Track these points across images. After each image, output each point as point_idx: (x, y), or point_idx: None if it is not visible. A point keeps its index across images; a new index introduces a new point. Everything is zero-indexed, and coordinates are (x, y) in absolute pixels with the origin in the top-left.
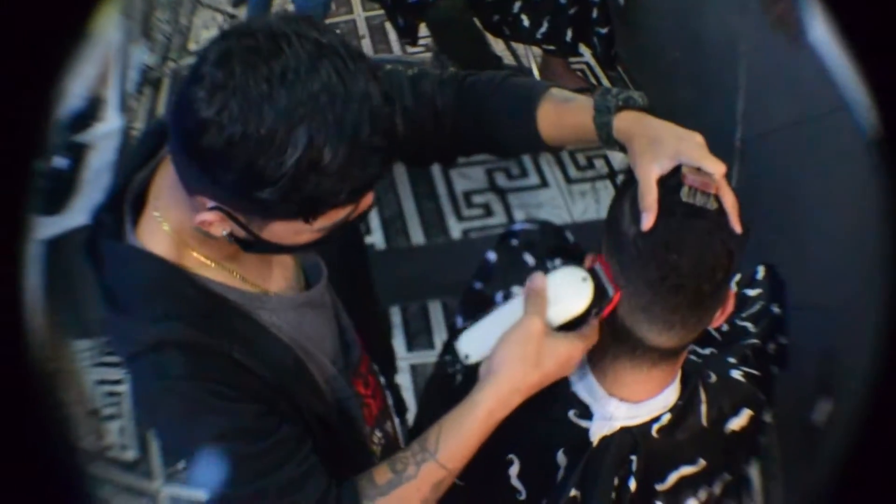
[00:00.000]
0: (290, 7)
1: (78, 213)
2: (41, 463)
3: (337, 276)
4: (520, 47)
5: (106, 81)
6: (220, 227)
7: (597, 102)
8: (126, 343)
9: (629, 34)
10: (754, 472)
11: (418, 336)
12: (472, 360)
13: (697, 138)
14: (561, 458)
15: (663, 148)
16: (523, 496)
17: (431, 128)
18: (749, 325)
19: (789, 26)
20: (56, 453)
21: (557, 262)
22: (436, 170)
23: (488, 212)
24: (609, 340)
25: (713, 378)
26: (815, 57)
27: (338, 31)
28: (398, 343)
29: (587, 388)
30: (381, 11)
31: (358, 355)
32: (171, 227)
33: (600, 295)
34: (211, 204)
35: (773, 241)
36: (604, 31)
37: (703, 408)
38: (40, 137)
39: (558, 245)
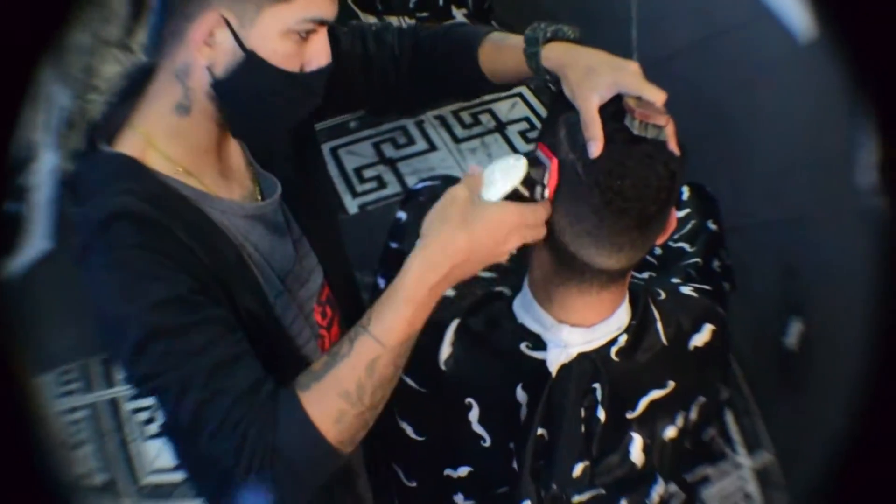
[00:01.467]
0: None
1: (29, 249)
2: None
3: (295, 199)
4: (393, 20)
5: (36, 125)
6: (207, 52)
7: (527, 35)
8: (83, 228)
9: None
10: (727, 413)
11: None
12: None
13: (633, 66)
14: (521, 394)
15: (601, 78)
16: (488, 442)
17: (393, 74)
18: (685, 245)
19: None
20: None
21: None
22: (325, 152)
23: (381, 183)
24: (555, 267)
25: (663, 295)
26: None
27: None
28: None
29: (535, 318)
30: None
31: (319, 283)
32: (143, 128)
33: (538, 169)
34: (209, 14)
35: (700, 165)
36: None
37: (660, 326)
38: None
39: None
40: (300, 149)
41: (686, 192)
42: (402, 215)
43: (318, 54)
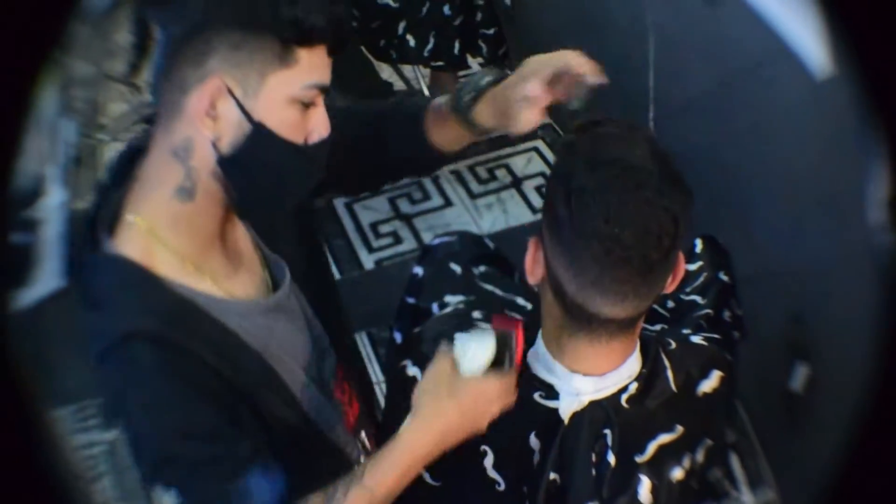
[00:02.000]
0: None
1: (41, 284)
2: None
3: (301, 277)
4: (408, 69)
5: (44, 158)
6: (210, 125)
7: (459, 88)
8: (98, 338)
9: (518, 35)
10: (732, 455)
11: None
12: None
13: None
14: (534, 441)
15: (530, 66)
16: (502, 486)
17: (343, 157)
18: (697, 297)
19: None
20: None
21: (482, 268)
22: (339, 206)
23: (397, 239)
24: (564, 319)
25: (673, 345)
26: (735, 10)
27: None
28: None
29: (547, 368)
30: None
31: (334, 361)
32: (145, 220)
33: (505, 343)
34: (208, 83)
35: (715, 215)
36: (490, 32)
37: (670, 373)
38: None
39: (480, 252)
40: (297, 221)
41: (699, 245)
42: (418, 271)
43: (319, 125)
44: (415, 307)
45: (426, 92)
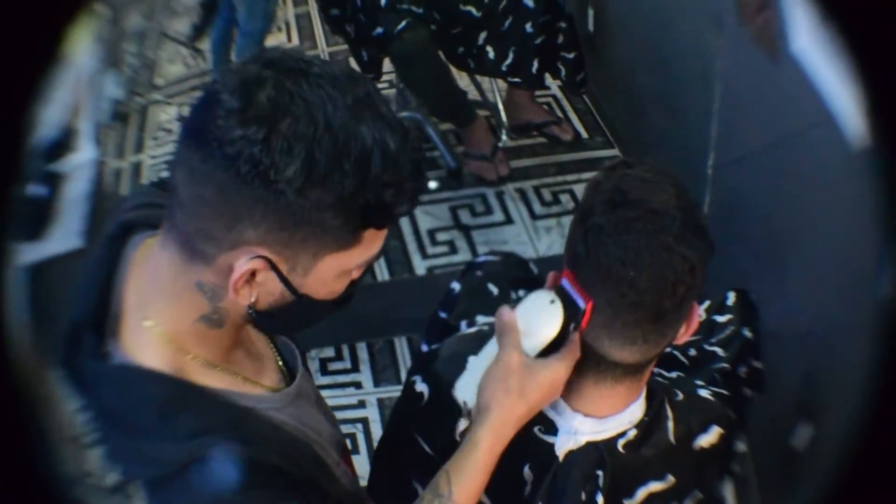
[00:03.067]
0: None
1: (55, 241)
2: (27, 489)
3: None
4: (484, 80)
5: (78, 111)
6: (249, 291)
7: None
8: (149, 465)
9: (597, 64)
10: (729, 497)
11: (385, 371)
12: (471, 405)
13: None
14: (527, 473)
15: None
16: None
17: None
18: (719, 349)
19: (770, 39)
20: (41, 479)
21: (521, 292)
22: None
23: (453, 249)
24: None
25: (680, 396)
26: (795, 70)
27: None
28: (365, 378)
29: (551, 404)
30: (346, 46)
31: (339, 436)
32: (167, 329)
33: (572, 311)
34: (249, 255)
35: (750, 268)
36: (570, 55)
37: (671, 424)
38: (16, 164)
39: (522, 276)
40: None
41: (732, 298)
42: (455, 286)
43: (366, 265)
44: (445, 322)
45: (501, 107)
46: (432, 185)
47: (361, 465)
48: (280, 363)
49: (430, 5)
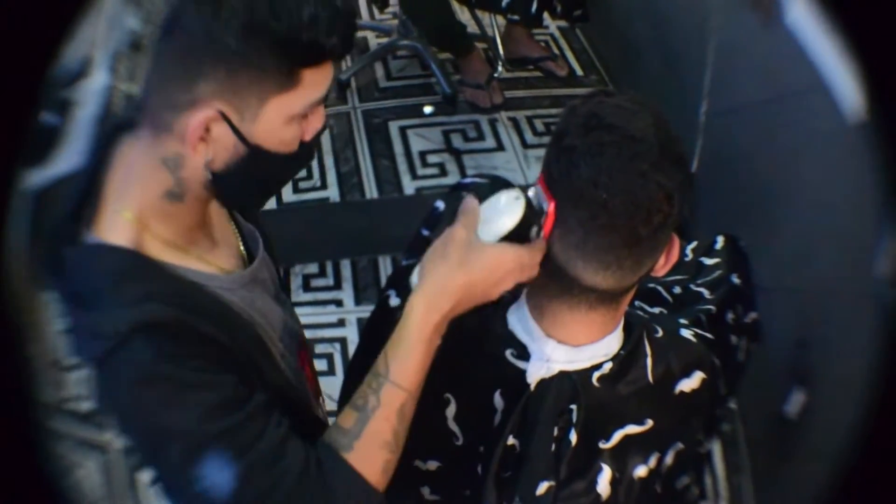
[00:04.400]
0: None
1: (60, 164)
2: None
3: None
4: (484, 16)
5: (97, 42)
6: (205, 148)
7: None
8: (96, 340)
9: (596, 8)
10: (718, 461)
11: (367, 290)
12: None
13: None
14: (498, 400)
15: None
16: (460, 441)
17: None
18: (705, 291)
19: (766, 7)
20: (19, 409)
21: None
22: (394, 129)
23: (443, 171)
24: (546, 279)
25: (660, 333)
26: (790, 38)
27: None
28: (346, 296)
29: (524, 328)
30: None
31: (297, 335)
32: (132, 210)
33: (536, 211)
34: (204, 110)
35: (739, 219)
36: None
37: (649, 361)
38: (36, 95)
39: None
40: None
41: (720, 242)
42: (440, 205)
43: (316, 122)
44: (426, 240)
45: (498, 41)
46: (427, 109)
47: (335, 387)
48: (242, 249)
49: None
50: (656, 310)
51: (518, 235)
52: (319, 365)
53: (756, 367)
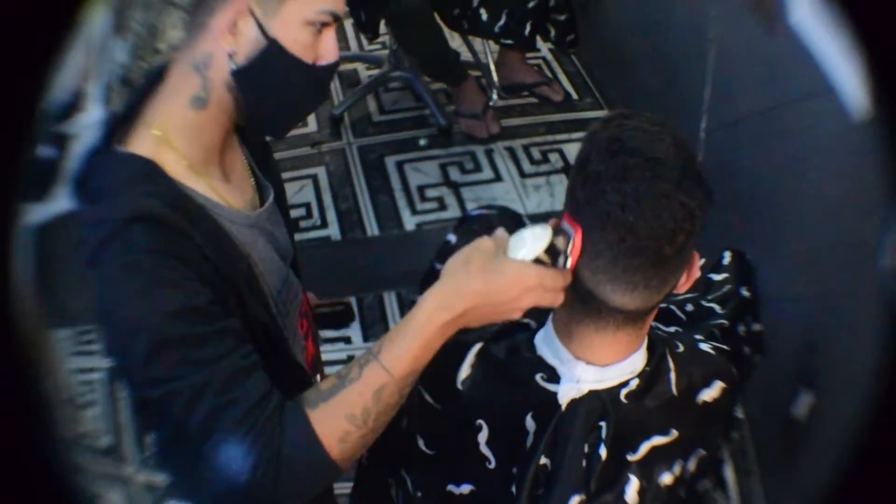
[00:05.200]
0: None
1: (62, 200)
2: (28, 453)
3: (280, 209)
4: (477, 42)
5: (88, 75)
6: (231, 40)
7: None
8: (97, 228)
9: (589, 27)
10: (728, 469)
11: (374, 326)
12: None
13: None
14: (530, 422)
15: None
16: (493, 464)
17: None
18: (716, 306)
19: (767, 9)
20: (41, 443)
21: None
22: (391, 164)
23: (442, 205)
24: (573, 303)
25: (681, 348)
26: (793, 40)
27: None
28: (354, 333)
29: (553, 351)
30: None
31: (299, 294)
32: (158, 126)
33: (563, 243)
34: (234, 4)
35: (744, 232)
36: (561, 18)
37: (672, 376)
38: (30, 127)
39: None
40: (270, 158)
41: (728, 257)
42: (451, 238)
43: (329, 50)
44: (440, 273)
45: (492, 67)
46: (421, 142)
47: None
48: (254, 196)
49: None
50: (672, 328)
51: (545, 262)
52: None
53: (764, 374)
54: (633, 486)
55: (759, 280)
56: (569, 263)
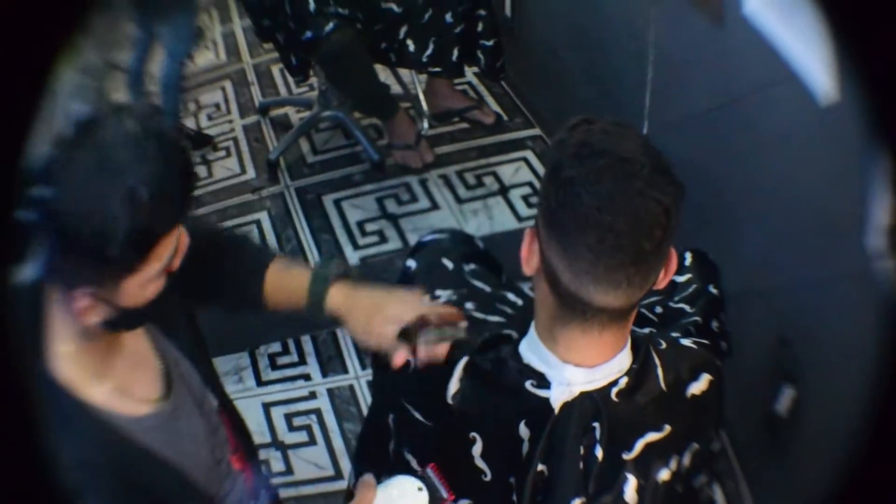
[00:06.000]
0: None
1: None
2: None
3: (185, 338)
4: (405, 73)
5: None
6: (92, 313)
7: (315, 273)
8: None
9: (516, 47)
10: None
11: (331, 361)
12: None
13: (412, 296)
14: (523, 430)
15: (388, 312)
16: (489, 477)
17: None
18: (685, 306)
19: (711, 3)
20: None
21: (472, 266)
22: (328, 202)
23: (383, 238)
24: (558, 308)
25: (663, 345)
26: (747, 32)
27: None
28: (313, 370)
29: (540, 357)
30: (268, 57)
31: (225, 434)
32: (66, 346)
33: (436, 502)
34: (79, 297)
35: (702, 232)
36: (489, 43)
37: (660, 372)
38: (13, 190)
39: (470, 251)
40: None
41: (689, 258)
42: (411, 264)
43: (179, 257)
44: None
45: (421, 97)
46: (357, 177)
47: (319, 455)
48: (162, 367)
49: (354, 5)
50: (646, 330)
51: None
52: (299, 437)
53: (739, 374)
54: (631, 484)
55: (723, 278)
56: None
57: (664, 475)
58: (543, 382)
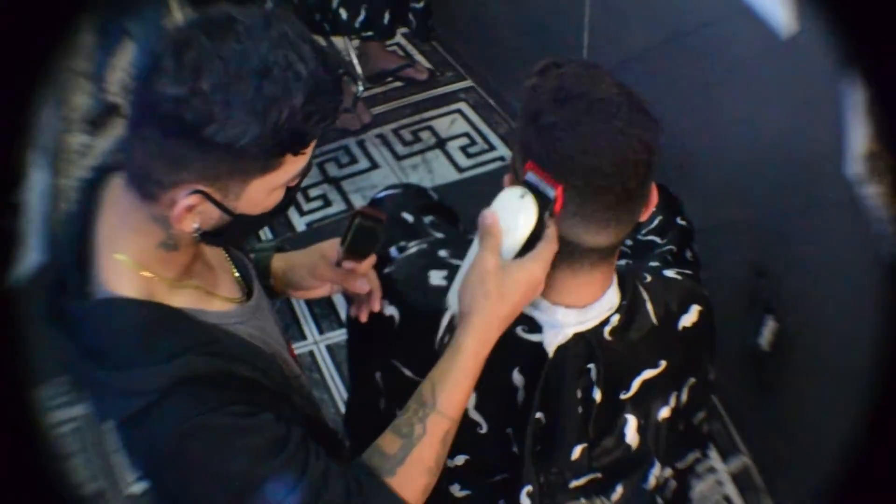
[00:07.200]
0: None
1: (28, 263)
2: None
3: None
4: (338, 40)
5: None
6: (192, 219)
7: (255, 249)
8: (127, 398)
9: (444, 4)
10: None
11: (325, 318)
12: (455, 311)
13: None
14: (517, 377)
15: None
16: (484, 429)
17: None
18: (655, 238)
19: None
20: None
21: (430, 218)
22: None
23: (327, 202)
24: None
25: (648, 278)
26: None
27: None
28: (310, 329)
29: (530, 303)
30: None
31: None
32: (134, 259)
33: (543, 200)
34: (187, 190)
35: (658, 167)
36: (419, 5)
37: (650, 306)
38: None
39: (426, 203)
40: None
41: None
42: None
43: (299, 176)
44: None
45: (355, 61)
46: None
47: None
48: (237, 275)
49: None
50: (622, 262)
51: (537, 230)
52: None
53: (715, 310)
54: (631, 424)
55: (687, 214)
56: (554, 215)
57: (664, 413)
58: (534, 327)
